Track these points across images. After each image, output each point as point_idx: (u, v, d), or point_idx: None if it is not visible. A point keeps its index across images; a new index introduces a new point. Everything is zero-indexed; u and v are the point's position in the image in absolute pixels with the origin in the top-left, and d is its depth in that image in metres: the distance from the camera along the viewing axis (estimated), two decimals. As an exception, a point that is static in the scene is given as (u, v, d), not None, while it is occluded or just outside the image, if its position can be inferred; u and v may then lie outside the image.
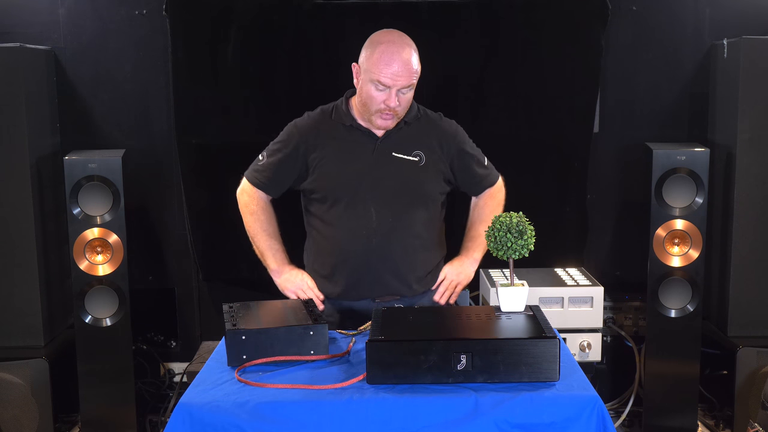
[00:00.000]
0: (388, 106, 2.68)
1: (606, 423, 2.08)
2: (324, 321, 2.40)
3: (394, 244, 2.76)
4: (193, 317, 4.32)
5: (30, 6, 4.04)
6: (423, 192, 2.81)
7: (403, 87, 2.67)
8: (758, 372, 3.69)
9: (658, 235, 3.76)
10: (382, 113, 2.71)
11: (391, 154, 2.78)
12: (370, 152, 2.78)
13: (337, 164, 2.78)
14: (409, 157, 2.79)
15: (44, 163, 3.84)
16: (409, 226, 2.78)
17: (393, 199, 2.77)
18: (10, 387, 3.63)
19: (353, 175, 2.76)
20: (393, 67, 2.64)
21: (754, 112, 3.79)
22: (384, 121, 2.74)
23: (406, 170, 2.78)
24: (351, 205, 2.76)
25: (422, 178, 2.80)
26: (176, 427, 2.09)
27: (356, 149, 2.78)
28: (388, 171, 2.77)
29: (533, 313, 2.39)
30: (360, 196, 2.75)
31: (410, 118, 2.82)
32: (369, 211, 2.75)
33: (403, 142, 2.80)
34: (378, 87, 2.67)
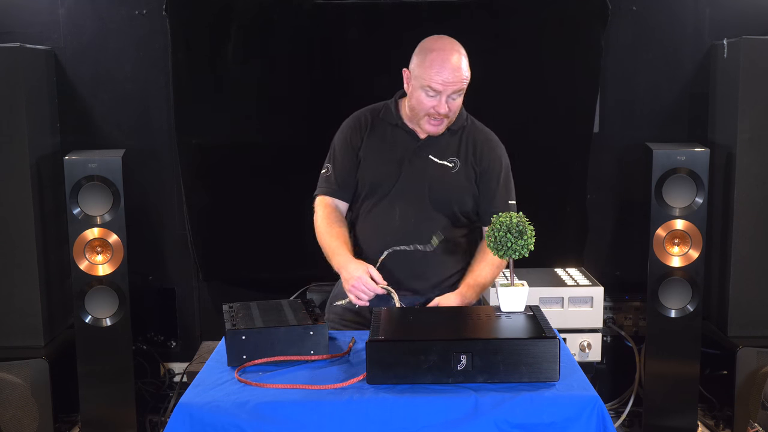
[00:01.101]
0: (438, 112, 2.70)
1: (606, 423, 2.08)
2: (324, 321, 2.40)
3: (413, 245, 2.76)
4: (193, 317, 4.32)
5: (30, 6, 4.04)
6: (449, 198, 2.79)
7: (453, 92, 2.69)
8: (758, 372, 3.69)
9: (658, 235, 3.76)
10: (431, 118, 2.73)
11: (428, 157, 2.80)
12: (409, 152, 2.80)
13: (376, 158, 2.81)
14: (444, 162, 2.80)
15: (44, 163, 3.84)
16: (429, 231, 2.76)
17: (417, 200, 2.78)
18: (10, 387, 3.63)
19: (388, 173, 2.79)
20: (444, 74, 2.65)
21: (754, 112, 3.79)
22: (433, 126, 2.75)
23: (437, 174, 2.79)
24: (380, 201, 2.80)
25: (452, 183, 2.79)
26: (176, 427, 2.09)
27: (396, 148, 2.81)
28: (420, 173, 2.78)
29: (533, 313, 2.39)
30: (389, 194, 2.79)
31: (456, 126, 2.83)
32: (393, 210, 2.78)
33: (443, 147, 2.81)
34: (429, 93, 2.69)
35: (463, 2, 3.95)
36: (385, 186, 2.79)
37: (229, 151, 4.07)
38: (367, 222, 2.82)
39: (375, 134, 2.84)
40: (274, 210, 4.09)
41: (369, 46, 4.02)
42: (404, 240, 2.75)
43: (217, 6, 3.96)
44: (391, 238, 2.75)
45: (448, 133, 2.83)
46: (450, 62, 2.66)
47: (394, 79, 3.84)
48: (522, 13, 3.99)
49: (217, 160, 4.07)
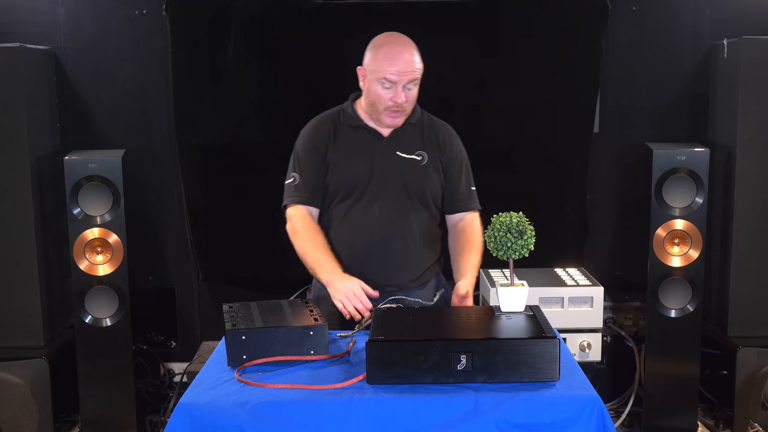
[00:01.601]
0: (396, 103, 2.78)
1: (606, 423, 2.08)
2: (324, 321, 2.40)
3: (396, 240, 2.83)
4: (193, 317, 4.32)
5: (30, 6, 4.04)
6: (424, 190, 2.87)
7: (408, 82, 2.78)
8: (758, 372, 3.69)
9: (658, 235, 3.76)
10: (390, 111, 2.80)
11: (395, 154, 2.87)
12: (376, 151, 2.86)
13: (345, 161, 2.86)
14: (413, 156, 2.88)
15: (44, 163, 3.84)
16: (408, 224, 2.85)
17: (395, 196, 2.84)
18: (10, 387, 3.63)
19: (359, 174, 2.84)
20: (398, 65, 2.75)
21: (754, 112, 3.79)
22: (393, 119, 2.83)
23: (408, 169, 2.86)
24: (357, 201, 2.85)
25: (424, 176, 2.87)
26: (176, 427, 2.09)
27: (363, 149, 2.87)
28: (392, 169, 2.85)
29: (533, 313, 2.39)
30: (365, 194, 2.84)
31: (414, 120, 2.92)
32: (372, 208, 2.83)
33: (407, 142, 2.89)
34: (385, 85, 2.77)
35: (463, 2, 3.95)
36: (359, 187, 2.84)
37: (229, 151, 4.07)
38: (345, 223, 2.85)
39: (339, 138, 2.89)
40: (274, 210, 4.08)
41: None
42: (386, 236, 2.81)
43: (217, 6, 3.96)
44: (373, 236, 2.81)
45: (409, 128, 2.90)
46: (403, 53, 2.78)
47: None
48: (522, 13, 3.99)
49: (217, 160, 4.07)
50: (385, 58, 2.77)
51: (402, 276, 2.85)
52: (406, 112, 2.84)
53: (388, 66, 2.75)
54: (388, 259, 2.82)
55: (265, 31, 3.98)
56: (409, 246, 2.84)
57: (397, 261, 2.83)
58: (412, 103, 2.84)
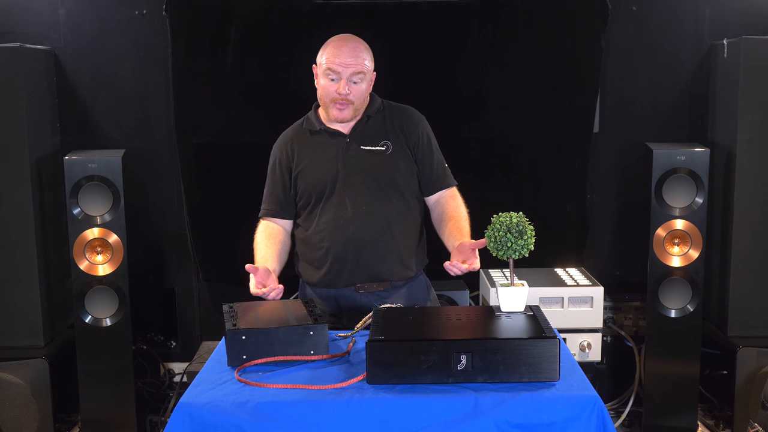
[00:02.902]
0: (340, 94, 2.82)
1: (606, 423, 2.08)
2: (324, 321, 2.40)
3: (370, 232, 2.85)
4: (193, 317, 4.32)
5: (30, 6, 4.04)
6: (392, 180, 2.89)
7: (353, 74, 2.82)
8: (758, 372, 3.69)
9: (658, 235, 3.76)
10: (336, 103, 2.85)
11: (360, 148, 2.89)
12: (341, 150, 2.89)
13: (313, 167, 2.91)
14: (377, 148, 2.90)
15: (44, 163, 3.84)
16: (382, 213, 2.86)
17: (364, 189, 2.86)
18: (10, 387, 3.63)
19: (327, 174, 2.88)
20: (342, 56, 2.82)
21: (754, 112, 3.79)
22: (339, 110, 2.86)
23: (373, 160, 2.88)
24: (328, 201, 2.88)
25: (390, 166, 2.89)
26: (176, 427, 2.09)
27: (327, 150, 2.91)
28: (358, 164, 2.88)
29: (533, 313, 2.39)
30: (335, 192, 2.87)
31: (373, 112, 2.94)
32: (344, 203, 2.85)
33: (369, 135, 2.91)
34: (330, 76, 2.84)
35: (463, 2, 3.95)
36: (328, 187, 2.87)
37: (229, 151, 4.07)
38: (321, 224, 2.88)
39: (303, 146, 2.94)
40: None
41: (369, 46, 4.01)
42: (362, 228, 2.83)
43: (217, 6, 3.96)
44: (349, 231, 2.83)
45: (370, 120, 2.93)
46: (347, 45, 2.85)
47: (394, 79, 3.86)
48: (522, 13, 3.99)
49: (217, 160, 4.07)
50: (330, 51, 2.84)
51: (385, 265, 2.86)
52: (354, 106, 2.86)
53: (332, 57, 2.82)
54: (368, 250, 2.84)
55: (264, 31, 3.98)
56: (386, 235, 2.85)
57: (377, 251, 2.85)
58: (359, 96, 2.86)
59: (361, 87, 2.85)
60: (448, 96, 4.05)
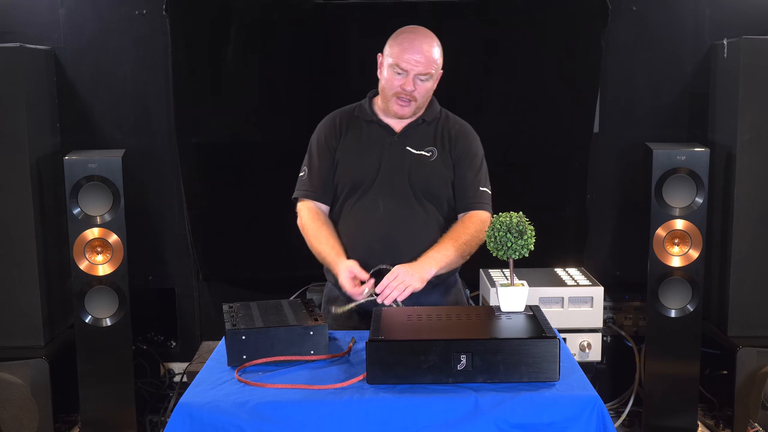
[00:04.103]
0: (404, 90, 2.75)
1: (606, 423, 2.08)
2: (324, 321, 2.40)
3: (399, 237, 2.78)
4: (193, 317, 4.32)
5: (30, 6, 4.04)
6: (430, 187, 2.83)
7: (420, 74, 2.75)
8: (758, 372, 3.69)
9: (658, 235, 3.76)
10: (399, 98, 2.78)
11: (405, 149, 2.84)
12: (386, 146, 2.83)
13: (354, 157, 2.84)
14: (422, 152, 2.84)
15: (44, 163, 3.84)
16: (414, 220, 2.80)
17: (400, 192, 2.81)
18: (10, 387, 3.63)
19: (368, 169, 2.82)
20: (412, 53, 2.74)
21: (754, 112, 3.79)
22: (401, 107, 2.80)
23: (415, 164, 2.82)
24: (362, 196, 2.82)
25: (431, 172, 2.83)
26: (176, 427, 2.09)
27: (373, 143, 2.85)
28: (399, 165, 2.82)
29: (533, 313, 2.39)
30: (371, 190, 2.81)
31: (430, 117, 2.88)
32: (377, 204, 2.80)
33: (419, 138, 2.86)
34: (396, 71, 2.75)
35: (463, 2, 3.95)
36: (366, 182, 2.82)
37: (229, 151, 4.07)
38: (350, 219, 2.83)
39: (350, 134, 2.88)
40: (274, 210, 4.09)
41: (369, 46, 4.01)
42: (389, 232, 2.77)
43: (217, 6, 3.96)
44: (376, 233, 2.77)
45: (424, 125, 2.87)
46: (419, 43, 2.76)
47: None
48: (522, 13, 3.99)
49: (217, 160, 4.07)
50: (400, 46, 2.75)
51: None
52: (417, 104, 2.80)
53: (401, 53, 2.74)
54: (392, 257, 2.75)
55: (265, 31, 3.98)
56: (414, 243, 2.77)
57: (401, 258, 2.76)
58: (423, 95, 2.80)
59: (426, 85, 2.79)
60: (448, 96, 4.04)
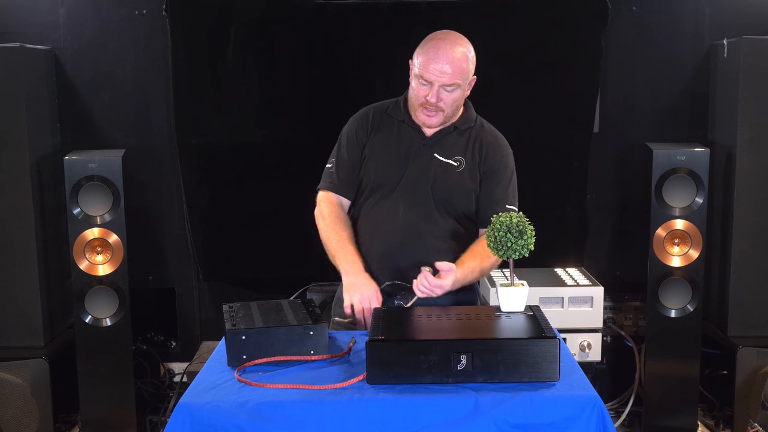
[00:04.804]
0: (429, 102, 2.69)
1: (606, 423, 2.08)
2: (324, 321, 2.40)
3: (414, 246, 2.74)
4: (193, 317, 4.32)
5: (30, 6, 4.04)
6: (452, 198, 2.77)
7: (445, 84, 2.67)
8: (758, 372, 3.69)
9: (658, 235, 3.76)
10: (425, 108, 2.72)
11: (433, 155, 2.78)
12: (414, 150, 2.78)
13: (382, 155, 2.79)
14: (449, 161, 2.78)
15: (44, 163, 3.84)
16: (432, 230, 2.75)
17: (423, 200, 2.75)
18: (10, 387, 3.63)
19: (393, 171, 2.77)
20: (437, 64, 2.65)
21: (754, 112, 3.79)
22: (427, 117, 2.73)
23: (441, 172, 2.76)
24: (384, 198, 2.77)
25: (456, 183, 2.77)
26: (176, 427, 2.08)
27: (401, 144, 2.79)
28: (425, 171, 2.76)
29: (533, 313, 2.39)
30: (393, 194, 2.76)
31: (462, 126, 2.81)
32: (397, 208, 2.75)
33: (448, 146, 2.79)
34: (421, 82, 2.69)
35: (463, 2, 3.95)
36: (389, 183, 2.77)
37: (229, 151, 4.07)
38: (369, 219, 2.79)
39: (381, 131, 2.82)
40: (274, 210, 4.10)
41: (369, 46, 4.02)
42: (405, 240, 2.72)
43: (217, 6, 3.96)
44: (392, 238, 2.73)
45: (456, 133, 2.80)
46: (444, 53, 2.66)
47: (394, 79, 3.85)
48: (522, 13, 3.99)
49: (217, 160, 4.07)
50: (425, 55, 2.67)
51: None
52: (445, 114, 2.73)
53: (426, 63, 2.66)
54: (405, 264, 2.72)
55: (265, 31, 3.98)
56: (428, 254, 2.70)
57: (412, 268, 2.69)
58: (450, 105, 2.72)
59: (454, 95, 2.70)
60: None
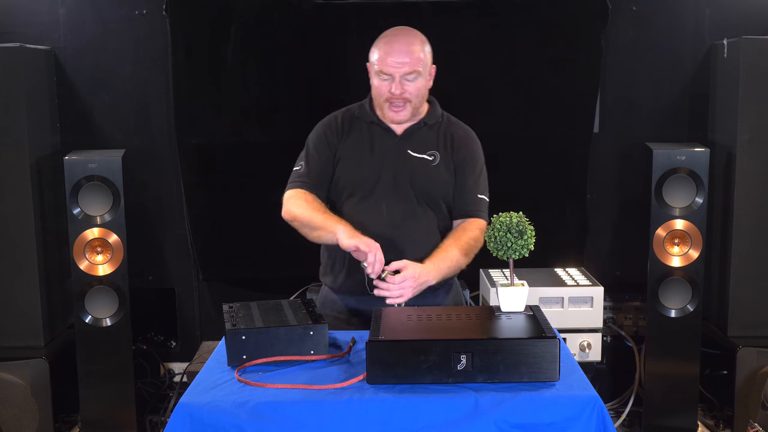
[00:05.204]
0: (393, 94, 2.71)
1: (606, 423, 2.08)
2: (324, 321, 2.40)
3: (401, 240, 2.76)
4: (193, 317, 4.32)
5: (30, 6, 4.04)
6: (432, 192, 2.80)
7: (406, 74, 2.70)
8: (758, 372, 3.69)
9: (658, 235, 3.76)
10: (392, 104, 2.74)
11: (407, 152, 2.81)
12: (388, 149, 2.81)
13: (355, 158, 2.81)
14: (424, 156, 2.82)
15: (44, 163, 3.84)
16: (416, 225, 2.78)
17: (403, 196, 2.78)
18: (10, 387, 3.63)
19: (369, 170, 2.79)
20: (394, 57, 2.70)
21: (754, 112, 3.79)
22: (395, 113, 2.76)
23: (418, 168, 2.80)
24: (364, 199, 2.79)
25: (433, 177, 2.80)
26: (176, 427, 2.09)
27: (375, 145, 2.82)
28: (402, 168, 2.79)
29: (533, 313, 2.39)
30: (373, 192, 2.79)
31: (431, 121, 2.85)
32: (380, 207, 2.77)
33: (421, 141, 2.82)
34: (382, 77, 2.72)
35: (463, 2, 3.95)
36: (368, 184, 2.79)
37: (229, 151, 4.07)
38: (352, 221, 2.77)
39: (352, 134, 2.84)
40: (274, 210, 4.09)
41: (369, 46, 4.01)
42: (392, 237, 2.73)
43: (217, 6, 3.96)
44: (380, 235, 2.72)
45: (425, 128, 2.84)
46: (398, 44, 2.71)
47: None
48: (522, 13, 3.99)
49: (217, 160, 4.07)
50: (382, 50, 2.73)
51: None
52: (413, 104, 2.76)
53: (383, 57, 2.71)
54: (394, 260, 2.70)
55: (265, 31, 3.98)
56: (417, 247, 2.75)
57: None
58: (415, 95, 2.75)
59: (417, 84, 2.73)
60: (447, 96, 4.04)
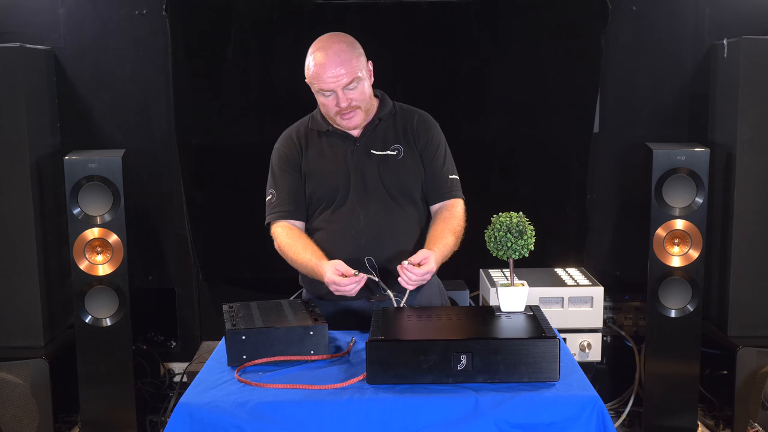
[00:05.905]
0: (341, 107, 2.68)
1: (606, 423, 2.08)
2: (324, 321, 2.40)
3: (383, 242, 2.74)
4: (193, 317, 4.32)
5: (30, 6, 4.04)
6: (404, 186, 2.78)
7: (346, 85, 2.66)
8: (758, 372, 3.69)
9: (658, 235, 3.76)
10: (342, 115, 2.71)
11: (370, 152, 2.77)
12: (350, 153, 2.77)
13: (320, 171, 2.78)
14: (388, 152, 2.78)
15: (44, 163, 3.84)
16: (395, 222, 2.75)
17: (376, 196, 2.75)
18: (10, 387, 3.64)
19: (337, 178, 2.76)
20: (328, 72, 2.64)
21: (754, 112, 3.79)
22: (348, 121, 2.73)
23: (385, 166, 2.77)
24: (338, 207, 2.76)
25: (402, 171, 2.77)
26: (176, 427, 2.09)
27: (336, 153, 2.78)
28: (369, 169, 2.76)
29: (533, 313, 2.39)
30: (346, 198, 2.75)
31: (384, 115, 2.81)
32: (355, 212, 2.74)
33: (380, 138, 2.79)
34: (325, 94, 2.69)
35: (463, 2, 3.95)
36: (340, 193, 2.75)
37: (229, 151, 4.07)
38: (330, 231, 2.75)
39: (311, 148, 2.80)
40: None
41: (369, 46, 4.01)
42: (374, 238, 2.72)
43: (217, 6, 3.96)
44: (360, 241, 2.72)
45: (380, 123, 2.80)
46: (329, 59, 2.64)
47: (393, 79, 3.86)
48: (522, 13, 3.99)
49: (217, 160, 4.07)
50: (315, 69, 2.66)
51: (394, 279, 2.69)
52: (363, 109, 2.72)
53: (318, 75, 2.65)
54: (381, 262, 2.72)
55: (265, 31, 3.98)
56: (399, 246, 2.73)
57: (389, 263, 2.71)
58: (362, 100, 2.71)
59: (360, 89, 2.69)
60: (448, 96, 4.05)
